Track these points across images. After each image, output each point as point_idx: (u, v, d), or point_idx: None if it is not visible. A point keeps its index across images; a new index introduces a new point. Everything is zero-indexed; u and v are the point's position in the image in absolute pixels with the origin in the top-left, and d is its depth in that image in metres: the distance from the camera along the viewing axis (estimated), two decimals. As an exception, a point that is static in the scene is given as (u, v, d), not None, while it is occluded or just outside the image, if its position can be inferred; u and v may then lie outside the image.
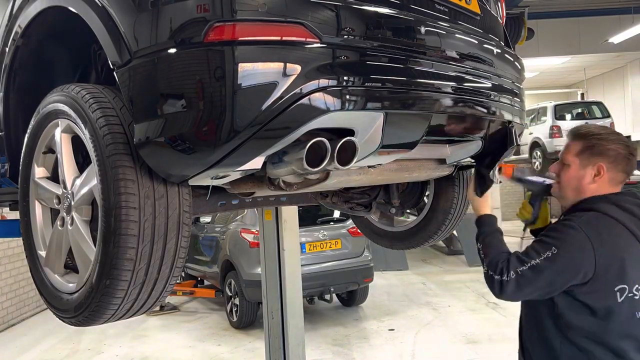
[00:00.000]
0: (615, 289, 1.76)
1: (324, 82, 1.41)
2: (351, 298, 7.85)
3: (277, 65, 1.38)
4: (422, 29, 1.69)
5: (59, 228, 1.81)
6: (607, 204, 1.84)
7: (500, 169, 2.26)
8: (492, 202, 2.25)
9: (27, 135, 1.91)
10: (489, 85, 1.95)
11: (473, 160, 2.29)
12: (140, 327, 7.46)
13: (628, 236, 1.80)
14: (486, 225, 2.06)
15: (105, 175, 1.55)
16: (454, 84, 1.76)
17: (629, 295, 1.76)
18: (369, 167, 1.92)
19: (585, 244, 1.76)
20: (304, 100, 1.39)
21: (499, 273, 1.82)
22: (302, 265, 5.01)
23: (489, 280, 1.86)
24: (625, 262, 1.77)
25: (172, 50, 1.42)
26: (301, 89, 1.38)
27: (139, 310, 1.73)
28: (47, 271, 1.89)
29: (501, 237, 2.02)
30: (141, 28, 1.50)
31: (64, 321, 1.81)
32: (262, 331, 5.14)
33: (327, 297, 7.44)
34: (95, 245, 1.64)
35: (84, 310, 1.67)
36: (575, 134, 1.98)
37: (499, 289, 1.83)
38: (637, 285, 1.77)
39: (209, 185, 1.89)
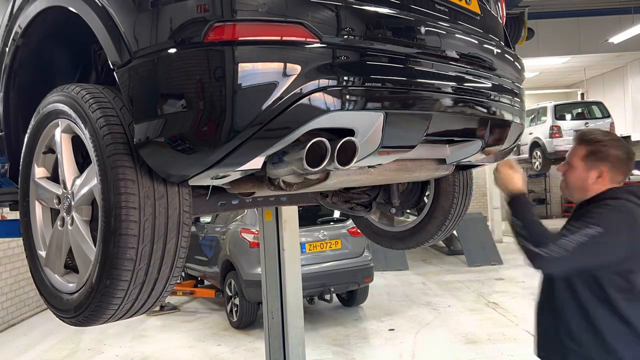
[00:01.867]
0: None
1: (324, 82, 1.41)
2: (351, 298, 7.85)
3: (277, 65, 1.38)
4: (422, 29, 1.69)
5: (59, 228, 1.81)
6: (629, 194, 2.08)
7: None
8: (493, 201, 2.35)
9: (27, 135, 1.91)
10: (489, 85, 1.95)
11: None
12: (140, 327, 7.46)
13: None
14: (518, 204, 2.13)
15: (105, 175, 1.55)
16: (454, 84, 1.76)
17: None
18: (369, 167, 1.92)
19: (627, 224, 1.98)
20: (304, 101, 1.39)
21: (546, 250, 1.94)
22: (302, 265, 5.01)
23: (532, 256, 1.97)
24: None
25: (172, 50, 1.42)
26: (301, 89, 1.38)
27: (139, 310, 1.73)
28: (47, 271, 1.89)
29: (535, 213, 2.12)
30: (141, 28, 1.50)
31: (64, 321, 1.81)
32: (262, 331, 5.14)
33: (327, 297, 7.44)
34: (95, 245, 1.64)
35: (84, 310, 1.67)
36: (581, 139, 2.20)
37: (546, 264, 1.97)
38: None
39: (209, 185, 1.89)
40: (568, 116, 13.55)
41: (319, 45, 1.43)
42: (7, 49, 2.05)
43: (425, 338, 6.45)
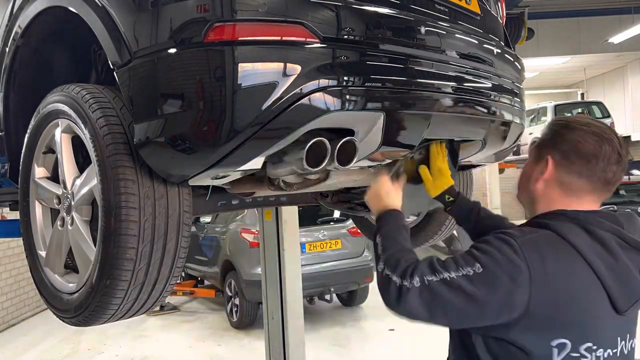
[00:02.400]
0: (553, 343, 1.26)
1: (324, 82, 1.41)
2: (351, 298, 7.85)
3: (277, 65, 1.38)
4: (422, 29, 1.69)
5: (59, 228, 1.81)
6: (571, 223, 1.32)
7: (502, 170, 2.10)
8: (493, 201, 2.02)
9: (27, 135, 1.91)
10: (489, 85, 1.95)
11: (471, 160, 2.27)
12: (140, 327, 7.46)
13: (587, 275, 1.27)
14: (392, 220, 1.55)
15: (105, 175, 1.55)
16: (454, 84, 1.76)
17: (573, 355, 1.27)
18: (369, 167, 1.92)
19: (519, 272, 1.24)
20: (304, 101, 1.39)
21: (400, 275, 1.31)
22: (302, 265, 5.01)
23: (384, 283, 1.34)
24: (571, 309, 1.26)
25: (172, 50, 1.42)
26: (301, 89, 1.38)
27: (139, 311, 1.73)
28: (47, 271, 1.89)
29: (407, 235, 1.52)
30: (141, 28, 1.50)
31: (64, 321, 1.81)
32: (262, 331, 5.14)
33: (327, 297, 7.44)
34: (95, 245, 1.64)
35: (84, 310, 1.67)
36: (550, 123, 1.51)
37: (396, 296, 1.30)
38: (588, 345, 1.27)
39: (209, 186, 1.89)
40: (568, 116, 13.56)
41: (319, 45, 1.43)
42: (7, 49, 2.05)
43: (425, 338, 6.44)
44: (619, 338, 1.32)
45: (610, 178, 1.35)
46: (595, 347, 1.28)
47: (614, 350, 1.30)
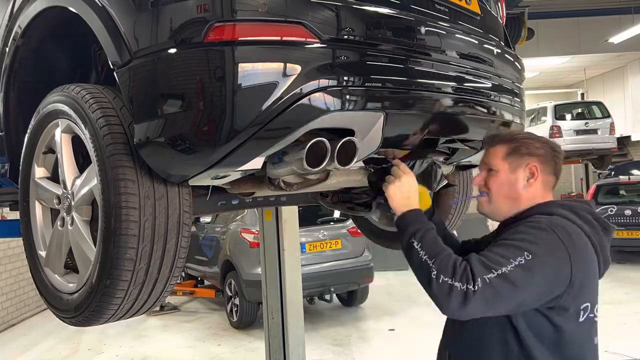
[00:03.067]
0: (582, 306, 1.49)
1: (324, 82, 1.42)
2: (351, 298, 7.85)
3: (277, 66, 1.38)
4: (422, 29, 1.69)
5: (59, 228, 1.81)
6: (565, 210, 1.56)
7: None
8: None
9: (27, 135, 1.91)
10: (489, 85, 1.95)
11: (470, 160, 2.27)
12: (140, 327, 7.46)
13: (591, 247, 1.53)
14: (423, 220, 1.62)
15: (105, 175, 1.55)
16: (454, 84, 1.76)
17: (590, 315, 1.51)
18: (369, 167, 1.92)
19: (561, 251, 1.45)
20: (304, 101, 1.39)
21: (461, 280, 1.39)
22: (302, 265, 5.01)
23: (444, 290, 1.41)
24: (591, 276, 1.52)
25: (172, 51, 1.42)
26: (301, 89, 1.38)
27: (139, 311, 1.73)
28: (47, 271, 1.89)
29: (435, 233, 1.60)
30: (141, 28, 1.50)
31: (64, 321, 1.81)
32: (262, 331, 5.14)
33: (327, 297, 7.44)
34: (95, 245, 1.64)
35: (84, 310, 1.67)
36: (494, 139, 1.71)
37: (461, 301, 1.39)
38: (597, 306, 1.54)
39: (209, 186, 1.89)
40: (568, 116, 13.56)
41: (319, 45, 1.43)
42: (7, 49, 2.05)
43: (425, 338, 6.44)
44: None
45: (560, 170, 1.70)
46: (597, 308, 1.55)
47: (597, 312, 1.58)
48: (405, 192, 1.69)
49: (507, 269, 1.40)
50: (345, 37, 1.48)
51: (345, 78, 1.46)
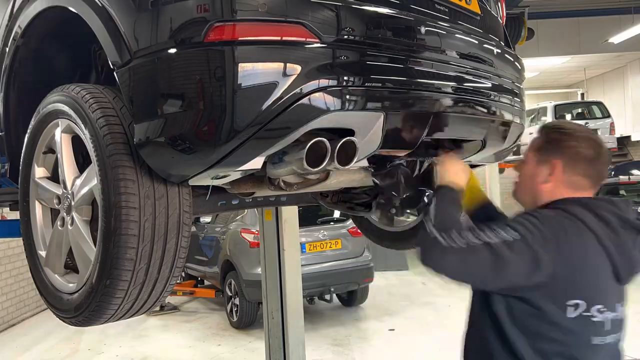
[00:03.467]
0: (568, 302, 1.47)
1: (324, 82, 1.42)
2: (351, 298, 7.85)
3: (277, 65, 1.38)
4: (422, 29, 1.69)
5: (59, 228, 1.81)
6: (578, 206, 1.54)
7: (502, 170, 2.10)
8: (493, 201, 2.03)
9: (27, 135, 1.91)
10: (489, 85, 1.95)
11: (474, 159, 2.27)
12: (140, 327, 7.46)
13: (596, 247, 1.50)
14: (453, 193, 1.72)
15: (105, 175, 1.55)
16: (454, 84, 1.76)
17: (585, 314, 1.47)
18: (368, 167, 1.92)
19: (549, 241, 1.46)
20: (304, 100, 1.39)
21: (446, 237, 1.47)
22: (302, 265, 5.01)
23: (429, 242, 1.51)
24: (587, 274, 1.49)
25: (172, 50, 1.42)
26: (301, 89, 1.38)
27: (139, 311, 1.73)
28: (47, 271, 1.89)
29: (460, 210, 1.70)
30: (141, 28, 1.50)
31: (64, 321, 1.81)
32: (262, 331, 5.14)
33: (327, 297, 7.44)
34: (95, 245, 1.64)
35: (84, 310, 1.67)
36: (541, 128, 1.74)
37: (440, 254, 1.48)
38: (599, 306, 1.49)
39: (209, 185, 1.89)
40: (568, 116, 13.57)
41: (319, 45, 1.43)
42: (7, 49, 2.05)
43: (425, 338, 6.44)
44: (618, 304, 1.54)
45: (605, 175, 1.64)
46: (604, 309, 1.50)
47: (615, 314, 1.53)
48: (452, 168, 1.80)
49: (492, 240, 1.46)
50: (345, 37, 1.48)
51: (345, 78, 1.46)
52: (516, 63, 2.22)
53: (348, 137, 1.53)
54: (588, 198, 1.58)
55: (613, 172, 10.67)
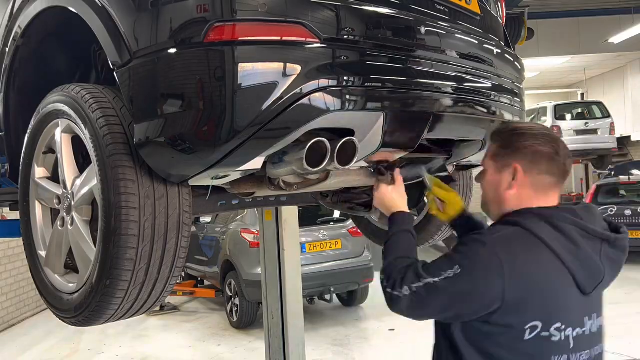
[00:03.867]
0: (525, 326, 1.40)
1: (324, 82, 1.42)
2: (351, 298, 7.85)
3: (277, 66, 1.38)
4: (422, 29, 1.69)
5: (59, 228, 1.81)
6: (536, 219, 1.46)
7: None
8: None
9: (27, 135, 1.91)
10: (489, 85, 1.95)
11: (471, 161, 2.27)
12: (140, 327, 7.46)
13: (552, 262, 1.42)
14: (398, 224, 1.72)
15: (105, 175, 1.55)
16: (454, 84, 1.76)
17: (543, 334, 1.41)
18: (368, 167, 1.92)
19: (493, 267, 1.39)
20: (304, 101, 1.39)
21: (392, 286, 1.50)
22: (302, 265, 5.01)
23: (384, 291, 1.54)
24: (541, 294, 1.41)
25: (172, 51, 1.42)
26: (301, 89, 1.38)
27: (139, 311, 1.73)
28: (47, 271, 1.89)
29: (411, 239, 1.68)
30: (141, 28, 1.50)
31: (64, 321, 1.81)
32: (262, 331, 5.14)
33: (327, 297, 7.44)
34: (95, 245, 1.64)
35: (84, 310, 1.67)
36: (493, 134, 1.63)
37: (391, 303, 1.51)
38: (557, 325, 1.41)
39: (209, 186, 1.89)
40: (568, 116, 13.56)
41: (319, 45, 1.43)
42: (7, 49, 2.05)
43: (425, 338, 6.43)
44: (586, 318, 1.46)
45: (569, 169, 1.55)
46: (564, 327, 1.42)
47: (583, 329, 1.45)
48: (380, 203, 1.82)
49: (434, 279, 1.43)
50: (345, 37, 1.48)
51: (345, 78, 1.46)
52: (516, 63, 2.22)
53: (348, 137, 1.53)
54: (547, 209, 1.49)
55: (613, 172, 10.67)
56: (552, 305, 1.42)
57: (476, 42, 1.93)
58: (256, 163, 1.53)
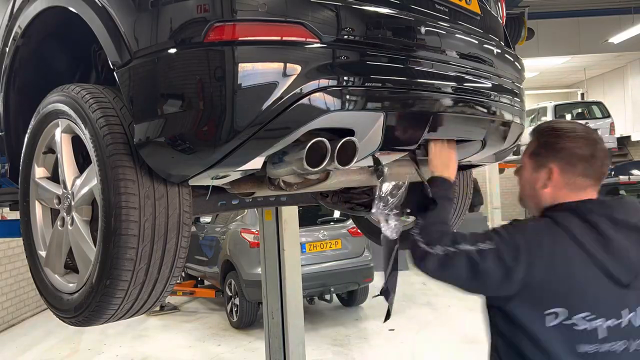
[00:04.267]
0: (546, 311, 1.45)
1: (324, 82, 1.42)
2: (351, 298, 7.85)
3: (277, 66, 1.38)
4: (422, 29, 1.69)
5: (59, 228, 1.81)
6: (566, 212, 1.52)
7: (502, 170, 2.04)
8: (493, 201, 2.06)
9: (27, 135, 1.91)
10: (489, 85, 1.95)
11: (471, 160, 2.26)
12: (140, 327, 7.46)
13: (580, 254, 1.46)
14: (445, 187, 1.79)
15: (105, 175, 1.55)
16: (454, 84, 1.76)
17: (566, 322, 1.45)
18: (369, 167, 1.92)
19: (521, 251, 1.48)
20: (304, 101, 1.39)
21: (427, 242, 1.59)
22: (302, 265, 5.01)
23: (414, 246, 1.63)
24: (567, 283, 1.45)
25: (172, 50, 1.42)
26: (301, 89, 1.38)
27: (139, 311, 1.73)
28: (47, 271, 1.89)
29: (451, 209, 1.79)
30: (141, 28, 1.50)
31: (64, 321, 1.81)
32: (262, 331, 5.14)
33: (327, 297, 7.44)
34: (95, 245, 1.64)
35: (84, 310, 1.67)
36: (534, 130, 1.69)
37: (420, 259, 1.60)
38: (584, 314, 1.44)
39: (209, 186, 1.89)
40: (568, 116, 13.56)
41: (319, 45, 1.43)
42: (7, 49, 2.05)
43: (425, 338, 6.44)
44: (626, 310, 1.46)
45: (605, 171, 1.59)
46: (592, 317, 1.45)
47: (619, 321, 1.46)
48: (445, 159, 1.84)
49: (468, 248, 1.53)
50: (345, 37, 1.48)
51: (345, 78, 1.46)
52: (516, 63, 2.22)
53: (348, 137, 1.53)
54: (579, 202, 1.54)
55: (613, 172, 10.68)
56: (576, 295, 1.46)
57: (476, 42, 1.93)
58: (256, 163, 1.53)
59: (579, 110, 13.97)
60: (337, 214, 7.32)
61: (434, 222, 1.68)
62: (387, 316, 1.98)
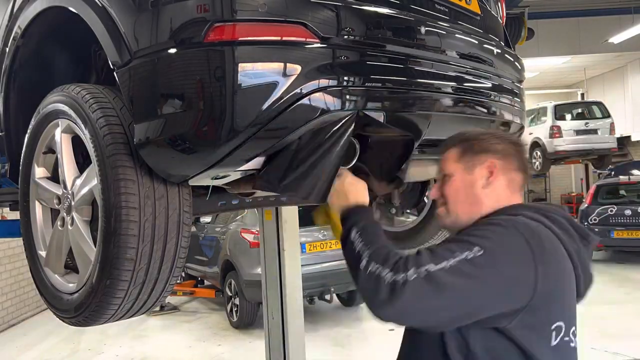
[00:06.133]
0: (552, 326, 1.22)
1: (324, 82, 1.42)
2: (351, 298, 7.85)
3: (277, 66, 1.38)
4: (422, 29, 1.69)
5: (59, 228, 1.81)
6: (534, 212, 1.32)
7: None
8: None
9: (27, 136, 1.91)
10: (489, 85, 1.95)
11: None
12: (140, 327, 7.46)
13: (566, 256, 1.29)
14: (366, 214, 1.43)
15: (105, 175, 1.55)
16: (454, 84, 1.76)
17: (565, 339, 1.25)
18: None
19: (523, 249, 1.20)
20: (304, 101, 1.39)
21: (393, 269, 1.17)
22: (302, 265, 5.01)
23: (371, 280, 1.19)
24: (562, 288, 1.27)
25: (173, 51, 1.42)
26: (301, 89, 1.38)
27: (139, 311, 1.73)
28: (47, 271, 1.89)
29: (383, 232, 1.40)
30: (141, 28, 1.50)
31: (64, 321, 1.81)
32: (262, 331, 5.14)
33: (328, 297, 7.43)
34: (95, 246, 1.64)
35: (84, 310, 1.67)
36: (448, 142, 1.49)
37: (389, 293, 1.15)
38: (573, 328, 1.28)
39: (209, 186, 1.89)
40: (568, 116, 13.55)
41: (319, 45, 1.43)
42: (7, 49, 2.05)
43: (425, 338, 6.44)
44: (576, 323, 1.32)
45: (527, 167, 1.46)
46: (576, 332, 1.29)
47: (575, 341, 1.30)
48: (341, 191, 1.50)
49: (449, 262, 1.16)
50: (345, 37, 1.48)
51: (345, 78, 1.46)
52: (516, 63, 2.22)
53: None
54: (537, 203, 1.43)
55: (613, 172, 10.68)
56: (569, 306, 1.29)
57: (476, 42, 1.93)
58: (256, 163, 1.53)
59: (579, 110, 13.96)
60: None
61: (383, 246, 1.29)
62: None
